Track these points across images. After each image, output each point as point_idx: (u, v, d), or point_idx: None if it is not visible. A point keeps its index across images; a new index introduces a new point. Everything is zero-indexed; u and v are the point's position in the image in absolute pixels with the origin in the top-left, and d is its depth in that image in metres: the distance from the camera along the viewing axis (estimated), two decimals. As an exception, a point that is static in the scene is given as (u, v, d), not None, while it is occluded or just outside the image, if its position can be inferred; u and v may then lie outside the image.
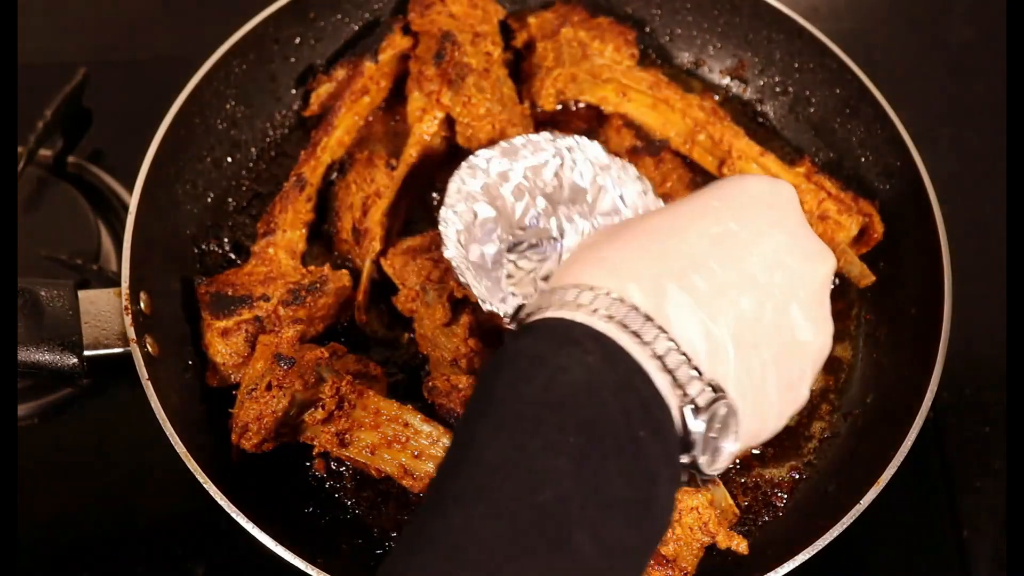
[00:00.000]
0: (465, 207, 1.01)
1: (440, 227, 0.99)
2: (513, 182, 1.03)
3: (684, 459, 0.64)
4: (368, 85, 1.16)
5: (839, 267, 1.10)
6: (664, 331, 0.63)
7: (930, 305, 1.03)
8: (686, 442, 0.64)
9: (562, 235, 1.03)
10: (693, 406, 0.63)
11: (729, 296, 0.66)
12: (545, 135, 1.06)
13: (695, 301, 0.65)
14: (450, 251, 0.98)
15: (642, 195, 1.05)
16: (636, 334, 0.63)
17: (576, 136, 1.06)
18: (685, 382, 0.63)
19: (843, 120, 1.17)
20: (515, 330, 0.67)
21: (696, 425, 0.63)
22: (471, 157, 1.03)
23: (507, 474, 0.58)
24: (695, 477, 0.66)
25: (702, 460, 0.64)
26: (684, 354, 0.63)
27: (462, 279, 0.97)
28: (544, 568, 0.57)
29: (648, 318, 0.63)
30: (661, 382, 0.63)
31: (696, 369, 0.63)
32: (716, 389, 0.64)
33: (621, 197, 1.05)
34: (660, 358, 0.63)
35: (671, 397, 0.63)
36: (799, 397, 0.72)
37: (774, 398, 0.69)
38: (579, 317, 0.63)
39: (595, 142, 1.06)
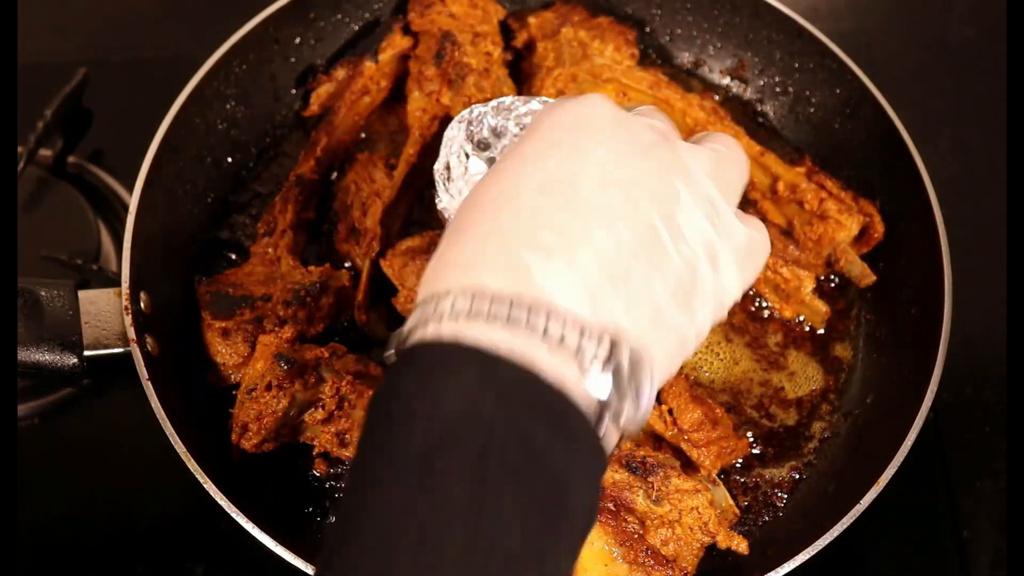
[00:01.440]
0: (457, 160, 1.02)
1: (435, 178, 1.00)
2: (505, 138, 1.05)
3: (605, 422, 0.61)
4: (368, 85, 1.16)
5: (839, 267, 1.10)
6: (534, 307, 0.60)
7: (930, 305, 1.03)
8: (601, 403, 0.61)
9: None
10: (595, 364, 0.60)
11: (580, 237, 0.63)
12: (540, 98, 1.07)
13: (551, 256, 0.62)
14: (443, 202, 0.99)
15: None
16: (509, 320, 0.60)
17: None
18: (576, 345, 0.60)
19: (843, 120, 1.17)
20: (392, 363, 0.64)
21: (601, 383, 0.60)
22: (463, 112, 1.04)
23: (398, 544, 0.55)
24: (623, 434, 0.64)
25: (626, 410, 0.62)
26: (564, 317, 0.60)
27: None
28: None
29: (512, 302, 0.60)
30: (550, 361, 0.60)
31: (582, 329, 0.60)
32: (612, 337, 0.61)
33: None
34: (543, 333, 0.60)
35: (568, 366, 0.60)
36: (707, 295, 0.67)
37: (674, 311, 0.65)
38: (445, 330, 0.60)
39: None
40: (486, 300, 0.60)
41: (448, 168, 1.01)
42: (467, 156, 1.03)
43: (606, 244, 0.63)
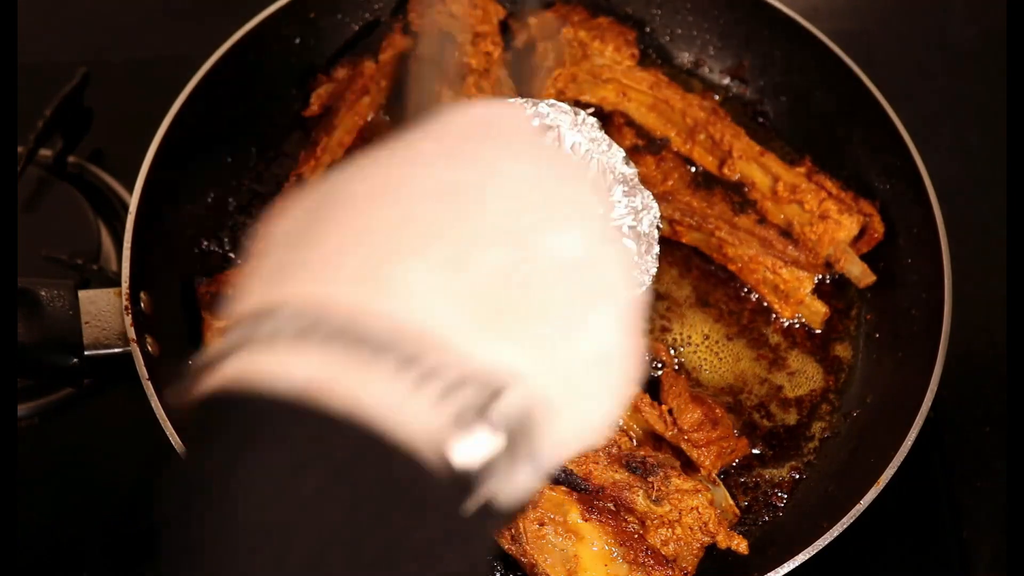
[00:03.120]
0: None
1: None
2: None
3: (484, 491, 0.48)
4: (368, 85, 1.16)
5: (839, 267, 1.10)
6: (390, 325, 0.47)
7: (930, 305, 1.03)
8: (482, 468, 0.47)
9: None
10: (465, 413, 0.47)
11: (474, 255, 0.49)
12: (548, 101, 1.07)
13: (429, 268, 0.48)
14: None
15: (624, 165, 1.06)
16: (354, 344, 0.46)
17: (576, 108, 1.07)
18: (453, 384, 0.47)
19: (843, 120, 1.17)
20: (189, 421, 0.50)
21: (482, 440, 0.47)
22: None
23: None
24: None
25: (517, 471, 0.48)
26: (440, 349, 0.47)
27: None
28: None
29: (365, 317, 0.47)
30: (400, 406, 0.46)
31: (463, 372, 0.47)
32: (500, 382, 0.48)
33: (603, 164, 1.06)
34: (393, 363, 0.46)
35: (427, 417, 0.46)
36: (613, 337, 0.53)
37: (576, 353, 0.51)
38: (262, 369, 0.46)
39: (593, 118, 1.07)
40: (326, 322, 0.47)
41: None
42: None
43: (503, 265, 0.50)
